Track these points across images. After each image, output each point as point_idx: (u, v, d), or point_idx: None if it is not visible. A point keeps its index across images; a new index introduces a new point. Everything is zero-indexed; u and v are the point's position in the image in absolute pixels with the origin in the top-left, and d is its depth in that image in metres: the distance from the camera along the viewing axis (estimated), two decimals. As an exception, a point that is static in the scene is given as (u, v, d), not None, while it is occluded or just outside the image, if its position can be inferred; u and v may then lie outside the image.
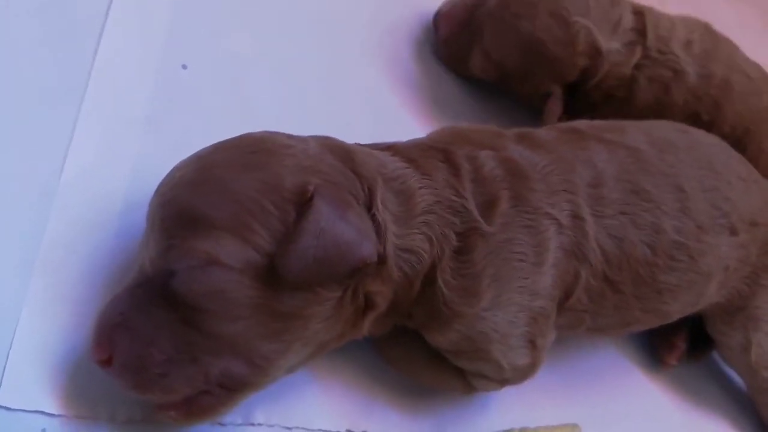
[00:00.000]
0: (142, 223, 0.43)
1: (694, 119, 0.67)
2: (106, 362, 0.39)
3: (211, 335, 0.39)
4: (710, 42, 0.69)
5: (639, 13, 0.67)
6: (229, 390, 0.41)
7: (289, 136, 0.44)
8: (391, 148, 0.48)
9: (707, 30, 0.71)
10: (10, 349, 0.43)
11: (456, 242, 0.45)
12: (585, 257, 0.48)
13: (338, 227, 0.39)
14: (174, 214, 0.39)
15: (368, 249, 0.40)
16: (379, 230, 0.42)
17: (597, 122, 0.57)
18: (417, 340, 0.49)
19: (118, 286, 0.44)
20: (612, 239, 0.49)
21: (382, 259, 0.42)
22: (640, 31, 0.66)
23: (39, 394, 0.42)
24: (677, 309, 0.55)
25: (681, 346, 0.63)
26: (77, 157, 0.51)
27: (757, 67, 0.74)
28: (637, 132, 0.55)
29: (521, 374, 0.49)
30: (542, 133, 0.53)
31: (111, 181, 0.51)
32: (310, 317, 0.41)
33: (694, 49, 0.68)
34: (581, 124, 0.56)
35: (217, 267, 0.38)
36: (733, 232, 0.54)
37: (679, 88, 0.67)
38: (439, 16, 0.70)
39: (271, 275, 0.39)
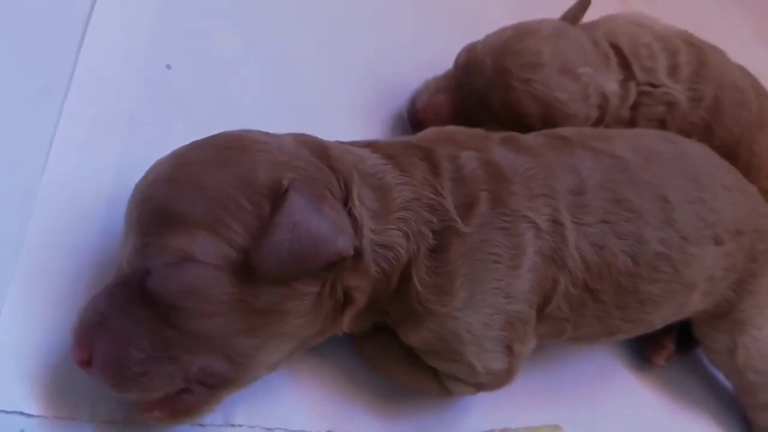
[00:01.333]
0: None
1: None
2: (86, 363, 0.39)
3: (189, 333, 0.39)
4: (696, 60, 0.67)
5: (615, 46, 0.65)
6: (210, 387, 0.41)
7: (265, 134, 0.44)
8: (371, 145, 0.48)
9: (689, 45, 0.68)
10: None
11: (432, 240, 0.45)
12: (564, 263, 0.48)
13: (313, 220, 0.39)
14: (149, 211, 0.39)
15: (344, 242, 0.40)
16: (355, 225, 0.42)
17: (585, 129, 0.57)
18: (395, 340, 0.49)
19: (101, 283, 0.45)
20: (592, 247, 0.49)
21: (358, 254, 0.42)
22: (626, 65, 0.64)
23: (18, 395, 0.42)
24: (660, 318, 0.55)
25: (669, 347, 0.63)
26: (60, 156, 0.51)
27: (743, 72, 0.73)
28: (623, 141, 0.54)
29: (496, 379, 0.49)
30: (529, 138, 0.53)
31: (94, 179, 0.51)
32: (287, 312, 0.41)
33: (682, 73, 0.65)
34: (568, 131, 0.55)
35: (192, 264, 0.38)
36: (718, 242, 0.54)
37: (673, 119, 0.65)
38: (417, 112, 0.63)
39: (247, 271, 0.39)
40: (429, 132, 0.53)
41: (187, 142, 0.45)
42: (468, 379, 0.49)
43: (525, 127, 0.58)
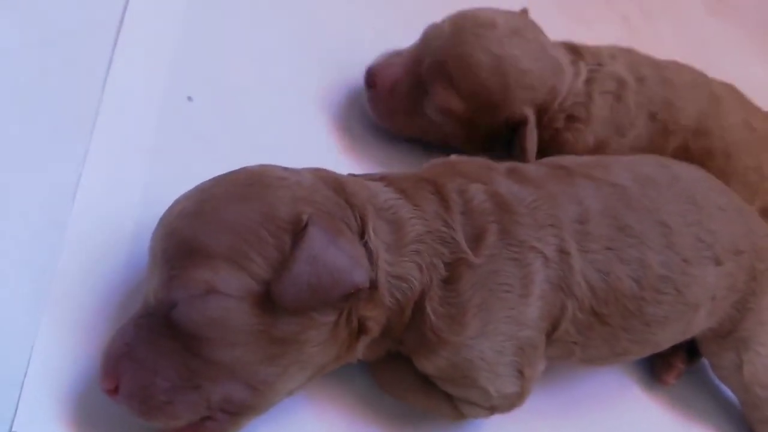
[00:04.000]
0: (150, 251, 0.45)
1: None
2: (113, 391, 0.40)
3: (212, 362, 0.41)
4: (628, 55, 0.71)
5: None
6: (231, 414, 0.43)
7: (284, 169, 0.46)
8: (384, 179, 0.50)
9: (652, 66, 0.71)
10: (24, 378, 0.44)
11: (444, 271, 0.46)
12: (571, 291, 0.50)
13: (331, 254, 0.41)
14: (175, 245, 0.41)
15: (360, 275, 0.41)
16: (371, 257, 0.44)
17: (583, 159, 0.59)
18: (409, 366, 0.50)
19: (127, 313, 0.47)
20: (598, 274, 0.51)
21: (374, 285, 0.44)
22: (574, 50, 0.68)
23: (48, 421, 0.44)
24: (667, 339, 0.56)
25: (679, 366, 0.64)
26: (88, 189, 0.53)
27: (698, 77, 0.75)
28: (621, 169, 0.56)
29: (509, 402, 0.50)
30: (531, 168, 0.55)
31: (120, 210, 0.54)
32: (306, 341, 0.42)
33: (620, 60, 0.69)
34: (568, 161, 0.57)
35: (215, 295, 0.40)
36: (718, 262, 0.55)
37: (627, 95, 0.67)
38: (371, 70, 0.65)
39: (268, 302, 0.40)
40: (434, 164, 0.55)
41: (209, 173, 0.47)
42: (482, 402, 0.50)
43: (472, 84, 0.61)
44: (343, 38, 0.75)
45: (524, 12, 0.69)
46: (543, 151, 0.65)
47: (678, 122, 0.69)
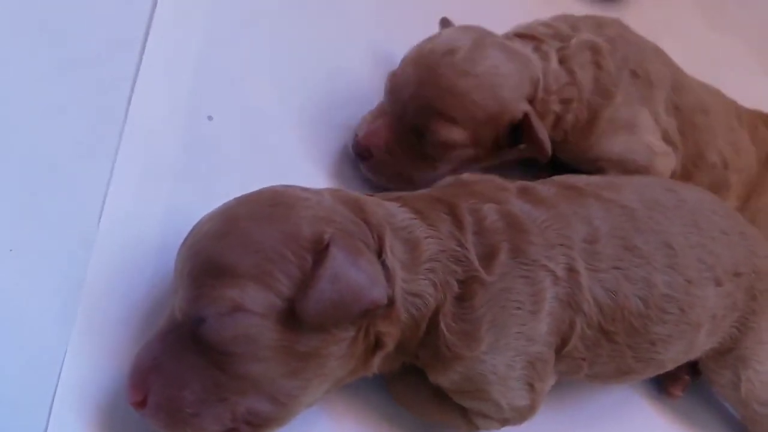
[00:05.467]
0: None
1: None
2: (141, 404, 0.42)
3: (238, 376, 0.42)
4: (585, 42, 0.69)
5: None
6: (255, 426, 0.44)
7: (304, 189, 0.48)
8: (399, 199, 0.52)
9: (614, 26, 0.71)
10: (55, 392, 0.46)
11: (457, 289, 0.48)
12: (580, 308, 0.51)
13: (351, 273, 0.43)
14: (202, 264, 0.43)
15: (379, 293, 0.43)
16: (388, 275, 0.46)
17: (594, 179, 0.60)
18: (423, 379, 0.52)
19: (152, 327, 0.49)
20: (606, 292, 0.52)
21: (391, 302, 0.45)
22: (532, 37, 0.68)
23: None
24: (670, 358, 0.58)
25: (685, 378, 0.65)
26: (113, 208, 0.56)
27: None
28: (630, 191, 0.58)
29: (520, 415, 0.52)
30: (543, 188, 0.56)
31: (145, 228, 0.56)
32: (327, 356, 0.44)
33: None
34: (580, 181, 0.59)
35: (242, 313, 0.41)
36: (719, 283, 0.57)
37: (605, 60, 0.67)
38: (360, 141, 0.64)
39: (291, 318, 0.42)
40: (448, 184, 0.56)
41: (230, 191, 0.49)
42: (494, 415, 0.52)
43: (468, 111, 0.60)
44: (363, 57, 0.77)
45: (446, 21, 0.70)
46: (553, 143, 0.65)
47: (657, 76, 0.69)
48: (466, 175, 0.57)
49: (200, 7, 0.72)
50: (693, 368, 0.66)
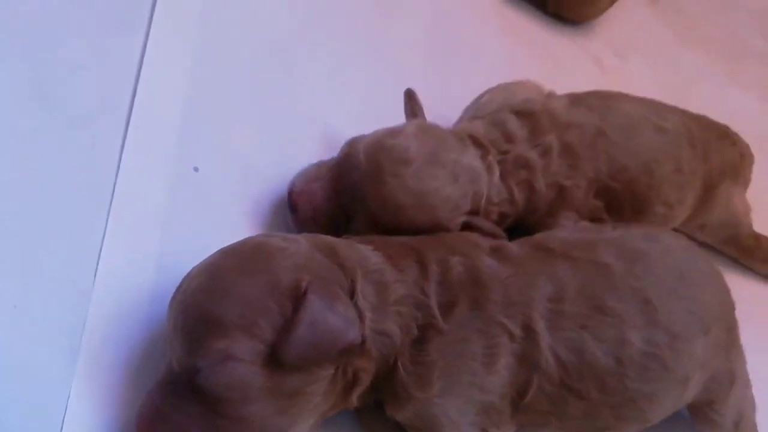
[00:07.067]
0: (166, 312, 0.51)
1: None
2: None
3: (234, 419, 0.46)
4: (526, 123, 0.72)
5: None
6: None
7: (283, 238, 0.52)
8: (374, 242, 0.56)
9: (516, 113, 0.73)
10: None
11: (416, 333, 0.52)
12: (537, 365, 0.53)
13: (328, 317, 0.47)
14: (193, 318, 0.47)
15: (354, 334, 0.47)
16: (359, 315, 0.50)
17: (570, 238, 0.61)
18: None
19: (147, 369, 0.52)
20: (570, 350, 0.54)
21: (363, 340, 0.49)
22: (477, 143, 0.68)
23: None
24: (657, 414, 0.58)
25: None
26: (108, 261, 0.59)
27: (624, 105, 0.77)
28: (607, 247, 0.59)
29: None
30: (515, 247, 0.59)
31: (138, 278, 0.60)
32: (311, 393, 0.48)
33: (517, 137, 0.70)
34: (554, 241, 0.60)
35: (232, 362, 0.45)
36: (707, 332, 0.57)
37: (541, 175, 0.70)
38: (292, 195, 0.65)
39: (276, 361, 0.46)
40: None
41: (216, 240, 0.53)
42: None
43: (398, 220, 0.61)
44: (343, 108, 0.81)
45: (409, 93, 0.72)
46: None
47: (584, 179, 0.71)
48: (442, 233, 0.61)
49: (182, 67, 0.76)
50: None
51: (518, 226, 0.71)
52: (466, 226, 0.65)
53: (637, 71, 1.13)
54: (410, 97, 0.72)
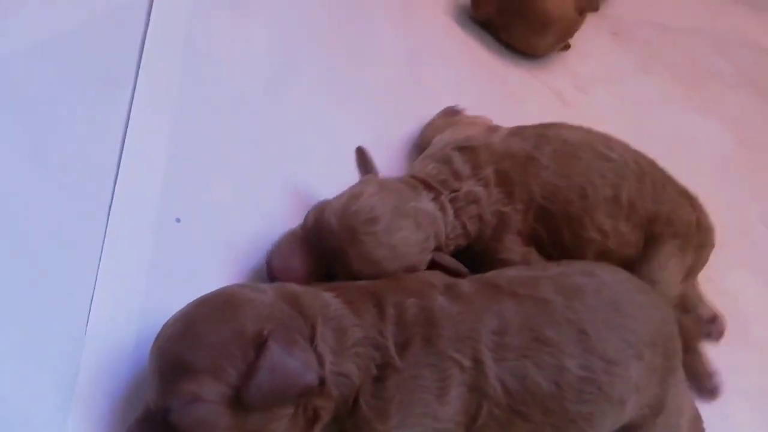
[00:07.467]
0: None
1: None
2: None
3: None
4: (468, 158, 0.79)
5: (414, 177, 0.78)
6: None
7: (253, 288, 0.59)
8: (337, 289, 0.62)
9: (460, 149, 0.80)
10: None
11: (375, 372, 0.58)
12: (485, 392, 0.59)
13: (287, 362, 0.53)
14: (167, 363, 0.53)
15: (311, 377, 0.53)
16: (320, 359, 0.56)
17: (516, 276, 0.68)
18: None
19: (133, 406, 0.59)
20: (514, 378, 0.60)
21: (322, 381, 0.55)
22: (428, 186, 0.76)
23: None
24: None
25: None
26: (99, 308, 0.66)
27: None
28: (548, 283, 0.65)
29: None
30: (466, 285, 0.65)
31: (125, 325, 0.66)
32: (273, 430, 0.54)
33: (462, 174, 0.78)
34: (501, 279, 0.67)
35: (200, 402, 0.51)
36: (640, 357, 0.63)
37: (486, 205, 0.77)
38: (274, 272, 0.70)
39: (239, 402, 0.52)
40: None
41: (198, 287, 0.59)
42: None
43: (377, 271, 0.68)
44: (320, 157, 0.88)
45: (360, 150, 0.79)
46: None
47: (521, 203, 0.78)
48: (401, 274, 0.68)
49: (165, 124, 0.83)
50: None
51: (468, 250, 0.78)
52: (433, 264, 0.73)
53: (598, 102, 1.19)
54: (361, 155, 0.79)
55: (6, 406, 0.59)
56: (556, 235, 0.79)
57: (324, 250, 0.69)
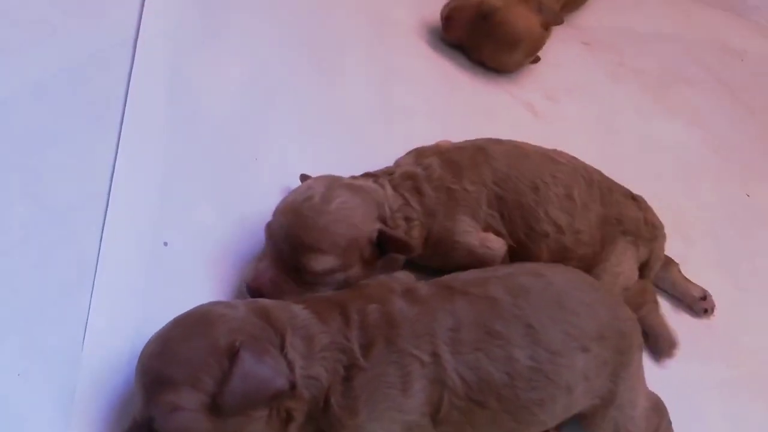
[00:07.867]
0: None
1: None
2: None
3: None
4: (407, 172, 0.85)
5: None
6: None
7: (225, 305, 0.64)
8: (305, 301, 0.68)
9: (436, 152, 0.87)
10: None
11: (343, 373, 0.64)
12: (445, 383, 0.65)
13: (258, 369, 0.58)
14: (149, 377, 0.59)
15: (281, 382, 0.59)
16: (290, 365, 0.61)
17: (469, 277, 0.74)
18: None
19: (125, 419, 0.64)
20: (470, 369, 0.66)
21: (293, 385, 0.61)
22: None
23: None
24: (551, 417, 0.70)
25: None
26: (94, 329, 0.72)
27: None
28: (497, 283, 0.71)
29: None
30: (423, 288, 0.71)
31: (119, 346, 0.72)
32: (249, 433, 0.60)
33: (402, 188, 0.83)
34: (456, 281, 0.73)
35: (180, 411, 0.57)
36: (585, 350, 0.69)
37: (422, 185, 0.82)
38: (250, 286, 0.76)
39: (216, 408, 0.58)
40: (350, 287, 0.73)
41: (185, 305, 0.64)
42: None
43: (330, 241, 0.73)
44: (297, 179, 0.90)
45: (304, 176, 0.85)
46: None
47: (472, 185, 0.83)
48: (363, 282, 0.74)
49: (153, 153, 0.90)
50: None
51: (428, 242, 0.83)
52: (382, 236, 0.77)
53: (569, 111, 1.23)
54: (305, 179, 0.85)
55: (6, 419, 0.65)
56: (512, 225, 0.84)
57: (285, 247, 0.74)
